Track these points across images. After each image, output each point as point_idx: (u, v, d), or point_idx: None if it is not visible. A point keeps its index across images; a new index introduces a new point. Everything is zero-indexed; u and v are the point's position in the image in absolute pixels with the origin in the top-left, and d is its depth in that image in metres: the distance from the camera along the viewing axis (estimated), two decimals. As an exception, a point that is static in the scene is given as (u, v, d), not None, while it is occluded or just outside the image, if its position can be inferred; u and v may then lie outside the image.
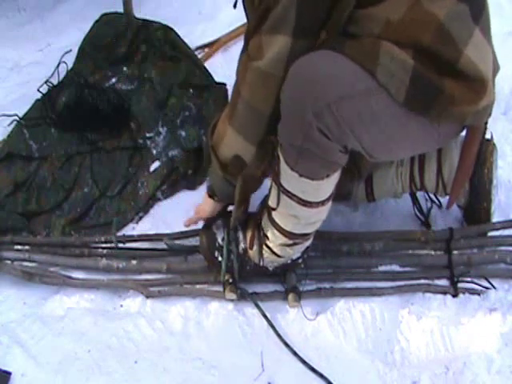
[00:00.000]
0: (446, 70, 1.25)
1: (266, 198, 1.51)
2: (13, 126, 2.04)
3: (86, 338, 1.52)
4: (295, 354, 1.48)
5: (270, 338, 1.52)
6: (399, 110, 1.27)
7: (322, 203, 1.41)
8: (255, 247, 1.55)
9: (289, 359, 1.48)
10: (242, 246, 1.56)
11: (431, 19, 1.24)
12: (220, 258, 1.57)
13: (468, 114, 1.32)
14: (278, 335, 1.51)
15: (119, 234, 1.77)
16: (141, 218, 1.84)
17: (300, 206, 1.40)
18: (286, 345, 1.49)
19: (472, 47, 1.27)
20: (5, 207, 1.83)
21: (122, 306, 1.61)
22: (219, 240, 1.58)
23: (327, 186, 1.38)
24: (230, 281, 1.56)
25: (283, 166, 1.36)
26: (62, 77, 2.16)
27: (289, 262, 1.57)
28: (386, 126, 1.29)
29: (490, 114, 1.41)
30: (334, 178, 1.38)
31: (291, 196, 1.39)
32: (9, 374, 1.45)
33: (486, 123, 1.51)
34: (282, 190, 1.40)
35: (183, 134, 1.96)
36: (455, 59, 1.26)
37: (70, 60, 2.19)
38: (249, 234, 1.56)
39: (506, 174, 1.80)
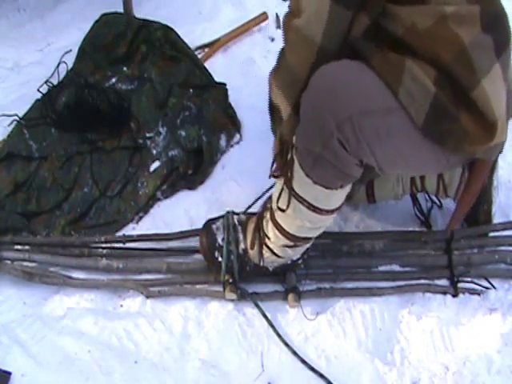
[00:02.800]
0: (460, 97, 1.23)
1: (269, 199, 1.51)
2: (13, 126, 2.04)
3: (86, 337, 1.53)
4: (295, 353, 1.48)
5: (270, 337, 1.52)
6: (416, 131, 1.26)
7: (332, 211, 1.42)
8: (255, 247, 1.55)
9: (289, 359, 1.48)
10: (242, 246, 1.56)
11: (456, 40, 1.23)
12: (220, 259, 1.57)
13: (479, 150, 1.32)
14: (278, 335, 1.51)
15: (119, 233, 1.77)
16: (141, 217, 1.84)
17: (309, 212, 1.40)
18: (286, 345, 1.49)
19: (489, 81, 1.25)
20: (5, 207, 1.82)
21: (122, 305, 1.61)
22: (219, 240, 1.58)
23: (340, 195, 1.38)
24: (230, 281, 1.56)
25: (297, 171, 1.35)
26: (62, 77, 2.15)
27: (289, 262, 1.57)
28: (400, 144, 1.29)
29: (500, 151, 1.41)
30: (347, 188, 1.38)
31: (302, 201, 1.39)
32: (9, 373, 1.45)
33: (497, 158, 1.51)
34: (294, 194, 1.39)
35: (183, 133, 1.96)
36: (471, 87, 1.24)
37: (70, 60, 2.19)
38: (249, 235, 1.56)
39: (506, 174, 1.80)
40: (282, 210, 1.43)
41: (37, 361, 1.48)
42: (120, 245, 1.72)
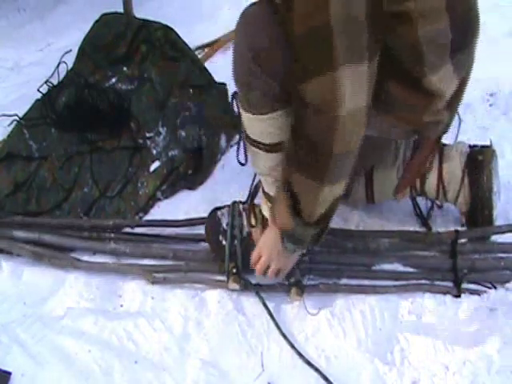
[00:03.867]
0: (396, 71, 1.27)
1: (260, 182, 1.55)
2: (13, 126, 2.04)
3: (86, 337, 1.52)
4: (298, 351, 1.48)
5: (270, 337, 1.52)
6: None
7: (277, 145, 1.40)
8: (258, 232, 1.56)
9: (289, 359, 1.48)
10: (246, 230, 1.59)
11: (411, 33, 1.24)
12: (224, 242, 1.59)
13: (412, 122, 1.38)
14: (279, 328, 1.51)
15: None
16: (141, 218, 1.84)
17: (267, 154, 1.41)
18: (285, 337, 1.49)
19: (438, 77, 1.30)
20: (5, 207, 1.83)
21: (122, 305, 1.61)
22: (224, 225, 1.61)
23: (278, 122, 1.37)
24: (234, 271, 1.57)
25: (242, 113, 1.39)
26: (62, 77, 2.16)
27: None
28: None
29: (442, 131, 1.47)
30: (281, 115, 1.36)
31: (256, 144, 1.41)
32: (9, 373, 1.45)
33: (440, 139, 1.55)
34: (250, 141, 1.42)
35: (183, 134, 1.96)
36: (418, 76, 1.28)
37: (70, 60, 2.19)
38: (253, 219, 1.59)
39: (506, 174, 1.80)
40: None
41: (37, 361, 1.48)
42: (128, 229, 1.75)
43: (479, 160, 1.63)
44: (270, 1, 1.26)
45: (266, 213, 1.55)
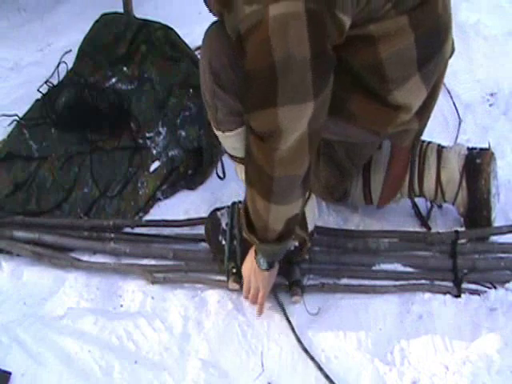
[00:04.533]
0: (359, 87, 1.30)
1: None
2: (13, 126, 2.04)
3: (86, 337, 1.52)
4: (306, 351, 1.47)
5: (270, 337, 1.52)
6: None
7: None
8: None
9: (289, 359, 1.48)
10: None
11: (374, 55, 1.27)
12: (223, 242, 1.60)
13: (378, 132, 1.40)
14: (294, 332, 1.50)
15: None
16: (141, 217, 1.84)
17: (240, 165, 1.44)
18: (300, 342, 1.48)
19: (403, 90, 1.31)
20: (5, 207, 1.83)
21: (122, 305, 1.62)
22: (223, 225, 1.61)
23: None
24: (234, 271, 1.57)
25: (216, 132, 1.45)
26: (62, 77, 2.16)
27: (292, 248, 1.56)
28: None
29: (416, 138, 1.50)
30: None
31: (233, 158, 1.48)
32: (9, 373, 1.45)
33: (414, 145, 1.58)
34: (228, 155, 1.50)
35: (183, 133, 1.96)
36: (383, 94, 1.31)
37: (70, 60, 2.19)
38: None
39: (506, 174, 1.80)
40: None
41: (37, 361, 1.48)
42: (128, 229, 1.76)
43: (477, 163, 1.63)
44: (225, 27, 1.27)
45: None
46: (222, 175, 1.79)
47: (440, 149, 1.66)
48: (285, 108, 1.17)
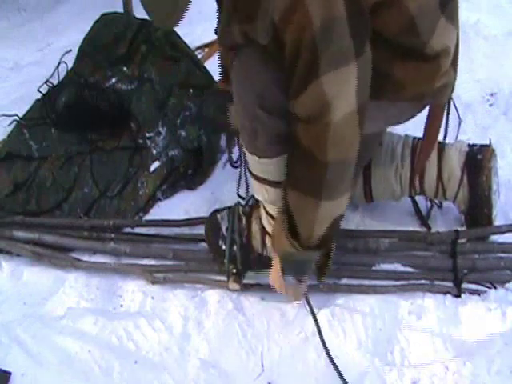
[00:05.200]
0: (397, 53, 1.29)
1: None
2: (13, 126, 2.04)
3: (86, 337, 1.52)
4: (329, 354, 1.45)
5: (270, 337, 1.52)
6: None
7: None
8: (258, 237, 1.56)
9: (289, 359, 1.48)
10: (245, 234, 1.58)
11: (405, 12, 1.26)
12: (224, 247, 1.59)
13: (424, 94, 1.36)
14: (320, 333, 1.48)
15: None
16: (141, 217, 1.84)
17: (271, 188, 1.40)
18: (324, 344, 1.46)
19: (436, 38, 1.31)
20: (5, 207, 1.83)
21: (122, 305, 1.62)
22: (223, 229, 1.60)
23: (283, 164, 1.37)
24: (234, 271, 1.57)
25: (247, 155, 1.40)
26: (62, 77, 2.16)
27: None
28: None
29: (451, 92, 1.47)
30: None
31: (261, 180, 1.40)
32: (9, 373, 1.45)
33: (449, 101, 1.56)
34: (253, 176, 1.42)
35: (183, 133, 1.96)
36: (420, 48, 1.30)
37: (70, 60, 2.19)
38: (252, 224, 1.58)
39: (506, 174, 1.80)
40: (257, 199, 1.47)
41: (37, 361, 1.48)
42: (128, 229, 1.76)
43: (478, 159, 1.63)
44: (256, 43, 1.25)
45: (267, 225, 1.52)
46: (234, 164, 1.72)
47: (441, 146, 1.66)
48: (329, 75, 1.15)
